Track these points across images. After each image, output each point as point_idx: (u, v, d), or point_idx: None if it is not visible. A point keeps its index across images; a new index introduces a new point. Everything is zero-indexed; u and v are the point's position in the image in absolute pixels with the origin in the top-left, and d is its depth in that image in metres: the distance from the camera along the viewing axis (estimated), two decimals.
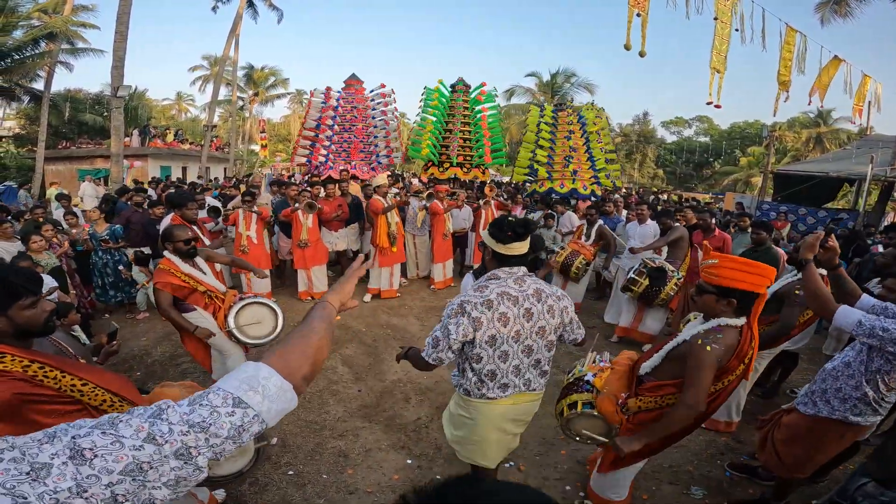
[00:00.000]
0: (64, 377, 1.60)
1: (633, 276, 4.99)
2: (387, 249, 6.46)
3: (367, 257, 7.32)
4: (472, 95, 12.29)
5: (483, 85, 12.25)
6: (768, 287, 2.15)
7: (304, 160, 11.98)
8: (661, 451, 2.39)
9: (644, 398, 2.22)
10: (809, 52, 7.20)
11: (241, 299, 3.42)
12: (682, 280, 4.93)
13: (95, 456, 0.67)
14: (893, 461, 1.98)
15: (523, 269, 2.13)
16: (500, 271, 2.10)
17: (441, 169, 11.92)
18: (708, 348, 2.01)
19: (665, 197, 19.53)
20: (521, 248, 2.07)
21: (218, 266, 4.32)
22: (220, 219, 6.58)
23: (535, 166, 10.74)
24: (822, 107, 8.80)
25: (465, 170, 11.96)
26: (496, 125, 12.68)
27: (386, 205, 6.41)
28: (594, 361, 2.66)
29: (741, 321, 2.09)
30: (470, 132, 12.07)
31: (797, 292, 3.14)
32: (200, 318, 3.36)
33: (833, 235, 2.37)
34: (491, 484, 0.59)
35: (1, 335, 1.56)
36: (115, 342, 2.54)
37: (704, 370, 2.00)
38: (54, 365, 1.60)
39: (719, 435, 3.57)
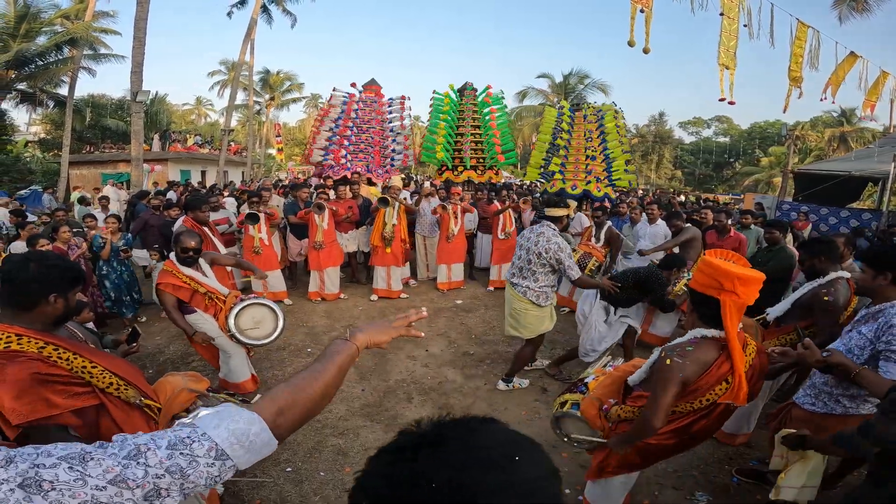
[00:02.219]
0: (76, 359, 1.67)
1: None
2: (379, 249, 6.48)
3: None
4: (480, 98, 12.31)
5: (489, 88, 12.28)
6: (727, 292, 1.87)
7: (320, 158, 12.04)
8: (645, 467, 2.35)
9: (625, 407, 2.18)
10: (824, 48, 7.02)
11: (241, 301, 3.46)
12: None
13: (53, 489, 0.64)
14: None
15: (548, 223, 3.78)
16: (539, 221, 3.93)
17: (455, 172, 11.96)
18: (668, 361, 1.90)
19: (682, 198, 19.20)
20: (554, 212, 3.78)
21: (229, 267, 4.39)
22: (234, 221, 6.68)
23: (551, 168, 10.60)
24: (834, 102, 8.54)
25: (478, 172, 11.98)
26: (505, 126, 12.67)
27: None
28: (605, 366, 2.63)
29: (718, 333, 1.94)
30: (480, 135, 12.09)
31: (826, 298, 2.94)
32: (201, 319, 3.41)
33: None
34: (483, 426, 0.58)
35: (53, 318, 1.68)
36: (134, 344, 2.61)
37: (663, 384, 1.90)
38: (68, 347, 1.68)
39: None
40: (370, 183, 10.17)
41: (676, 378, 1.88)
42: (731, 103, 6.83)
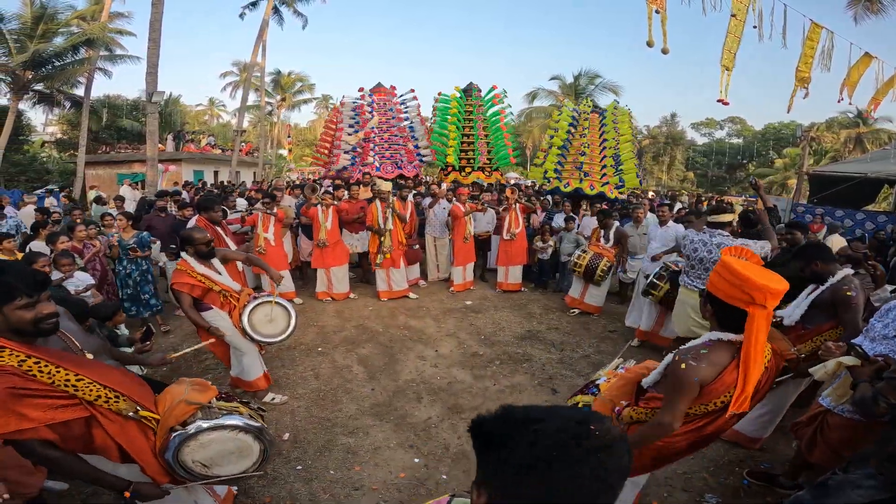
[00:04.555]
0: (59, 372, 1.64)
1: (653, 280, 4.91)
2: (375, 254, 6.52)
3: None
4: (487, 98, 12.32)
5: (494, 88, 12.29)
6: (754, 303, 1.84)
7: (347, 163, 12.09)
8: (656, 469, 2.31)
9: (638, 409, 2.15)
10: (837, 50, 6.94)
11: (254, 298, 3.51)
12: None
13: None
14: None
15: (718, 230, 4.12)
16: (706, 229, 4.24)
17: (464, 174, 11.98)
18: (683, 365, 1.87)
19: (694, 199, 19.01)
20: (719, 217, 4.16)
21: (240, 266, 4.44)
22: (242, 220, 6.73)
23: (567, 168, 10.49)
24: (850, 103, 8.42)
25: (486, 173, 11.99)
26: (499, 127, 12.72)
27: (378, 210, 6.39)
28: (616, 367, 2.62)
29: (736, 337, 1.89)
30: (488, 136, 12.10)
31: (849, 294, 2.85)
32: (217, 316, 3.47)
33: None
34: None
35: (22, 330, 1.63)
36: (147, 342, 2.68)
37: (678, 388, 1.88)
38: (51, 360, 1.64)
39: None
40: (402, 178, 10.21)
41: (691, 382, 1.86)
42: (725, 103, 6.88)
